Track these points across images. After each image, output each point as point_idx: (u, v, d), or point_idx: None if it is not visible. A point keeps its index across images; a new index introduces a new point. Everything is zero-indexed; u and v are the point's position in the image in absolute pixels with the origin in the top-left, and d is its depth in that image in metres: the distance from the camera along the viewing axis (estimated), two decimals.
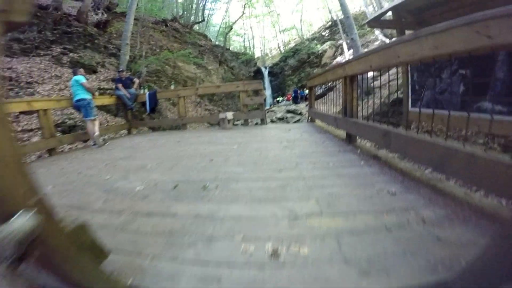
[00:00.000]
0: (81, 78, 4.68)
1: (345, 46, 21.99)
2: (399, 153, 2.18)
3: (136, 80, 6.66)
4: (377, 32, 22.06)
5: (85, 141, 5.39)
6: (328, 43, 27.23)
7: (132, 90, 6.33)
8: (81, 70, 5.16)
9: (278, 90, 29.57)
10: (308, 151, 3.04)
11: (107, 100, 6.12)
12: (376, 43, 23.30)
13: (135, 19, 20.07)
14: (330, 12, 29.25)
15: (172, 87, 10.33)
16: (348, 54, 21.77)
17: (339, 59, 26.33)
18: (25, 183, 0.76)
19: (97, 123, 4.95)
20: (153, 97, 6.21)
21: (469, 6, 3.73)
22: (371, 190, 1.84)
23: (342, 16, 26.25)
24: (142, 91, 7.33)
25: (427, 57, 1.75)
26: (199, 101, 21.85)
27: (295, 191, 1.92)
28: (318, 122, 5.31)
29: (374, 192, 1.80)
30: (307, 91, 24.22)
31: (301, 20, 34.11)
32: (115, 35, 18.13)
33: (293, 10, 35.35)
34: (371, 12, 23.27)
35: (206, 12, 38.66)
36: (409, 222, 1.37)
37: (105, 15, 18.05)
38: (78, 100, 4.63)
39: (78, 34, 11.93)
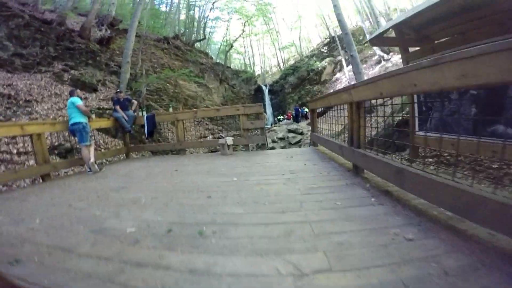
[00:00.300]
0: (77, 100, 4.55)
1: (344, 62, 22.25)
2: (415, 194, 1.98)
3: (135, 102, 6.55)
4: (375, 47, 22.38)
5: (82, 164, 5.23)
6: (327, 59, 27.67)
7: (130, 112, 6.22)
8: (78, 91, 5.04)
9: (279, 108, 29.74)
10: (313, 185, 2.83)
11: (104, 123, 5.99)
12: (374, 58, 23.65)
13: (136, 35, 20.57)
14: (328, 28, 29.96)
15: (171, 109, 10.24)
16: (347, 70, 22.02)
17: (339, 75, 26.65)
18: None
19: (92, 148, 4.78)
20: (151, 120, 6.08)
21: (471, 22, 3.63)
22: (385, 236, 1.64)
23: (340, 32, 26.87)
24: (141, 113, 7.24)
25: (452, 87, 1.57)
26: (200, 120, 21.86)
27: (300, 241, 1.70)
28: (321, 147, 5.15)
29: (389, 238, 1.60)
30: (307, 109, 24.33)
31: (300, 37, 34.88)
32: (117, 52, 18.41)
33: (292, 28, 36.19)
34: (368, 27, 23.74)
35: (207, 30, 39.73)
36: (430, 275, 1.21)
37: (109, 32, 18.37)
38: (73, 124, 4.49)
39: (80, 50, 12.09)
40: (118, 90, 6.49)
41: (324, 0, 29.11)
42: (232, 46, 33.22)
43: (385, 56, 21.48)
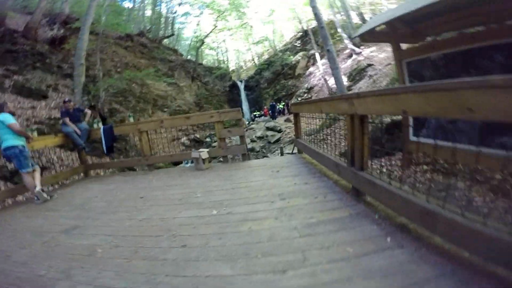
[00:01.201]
0: (7, 118, 3.61)
1: (318, 56, 22.12)
2: (453, 243, 1.53)
3: (88, 111, 5.60)
4: (346, 41, 22.48)
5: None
6: (301, 53, 27.52)
7: (83, 124, 5.28)
8: (9, 105, 4.06)
9: (255, 104, 29.22)
10: (311, 219, 2.30)
11: (50, 141, 5.01)
12: (346, 51, 23.77)
13: (94, 34, 18.80)
14: (300, 22, 29.70)
15: (131, 119, 9.23)
16: (320, 64, 21.94)
17: (312, 69, 26.59)
18: None
19: (37, 174, 3.90)
20: (109, 133, 5.19)
21: (467, 18, 3.31)
22: None
23: (313, 26, 26.67)
24: (99, 123, 6.28)
25: None
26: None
27: None
28: (305, 155, 4.68)
29: None
30: (282, 105, 24.08)
31: (273, 31, 34.36)
32: (72, 53, 16.56)
33: (265, 22, 35.54)
34: (339, 20, 23.75)
35: (177, 26, 37.84)
36: None
37: (62, 31, 16.53)
38: (6, 149, 3.58)
39: (25, 52, 10.55)
40: (66, 99, 5.45)
41: None
42: (203, 42, 31.85)
43: (357, 49, 21.65)
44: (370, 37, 4.37)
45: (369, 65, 18.29)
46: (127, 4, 28.48)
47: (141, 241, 2.29)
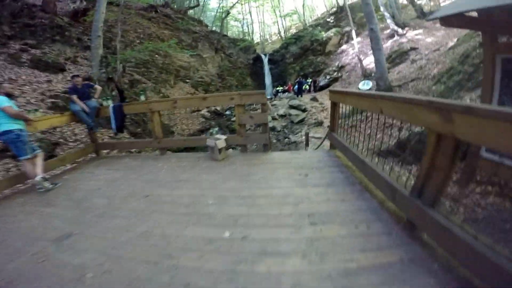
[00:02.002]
0: (2, 100, 3.21)
1: (353, 34, 20.03)
2: None
3: (98, 88, 5.12)
4: (388, 20, 20.10)
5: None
6: (334, 30, 25.31)
7: (93, 101, 4.85)
8: (6, 86, 3.65)
9: (279, 79, 27.86)
10: (350, 263, 1.69)
11: (56, 121, 4.64)
12: (387, 31, 21.35)
13: (116, 5, 18.19)
14: None
15: (142, 97, 8.73)
16: (356, 42, 19.92)
17: (345, 47, 24.47)
18: None
19: (39, 160, 3.56)
20: (118, 111, 4.73)
21: None
22: None
23: (350, 1, 24.17)
24: (105, 102, 5.84)
25: None
26: (193, 92, 20.11)
27: None
28: (339, 153, 3.94)
29: None
30: (309, 81, 22.52)
31: (303, 5, 31.73)
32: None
33: None
34: (384, 1, 21.04)
35: None
36: None
37: (84, 3, 16.12)
38: (2, 133, 3.22)
39: (43, 26, 10.26)
40: (74, 74, 4.99)
41: None
42: (228, 13, 30.14)
43: (400, 30, 19.38)
44: (458, 21, 3.31)
45: (413, 48, 16.31)
46: None
47: (136, 269, 1.84)
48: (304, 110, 12.49)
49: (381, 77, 9.27)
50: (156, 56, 17.95)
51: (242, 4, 36.52)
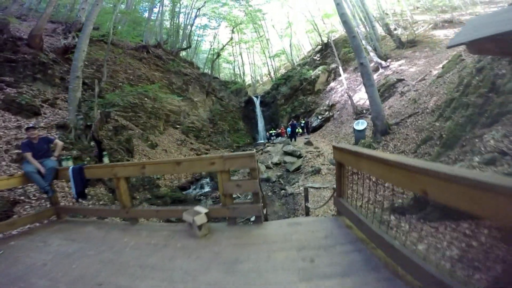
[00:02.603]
0: None
1: (340, 70, 20.48)
2: None
3: (59, 143, 4.28)
4: (371, 53, 20.76)
5: None
6: (321, 68, 26.07)
7: (51, 161, 3.99)
8: None
9: (271, 122, 27.73)
10: None
11: (3, 184, 3.74)
12: (371, 65, 21.89)
13: (104, 42, 18.28)
14: (320, 35, 28.41)
15: (106, 160, 7.96)
16: (344, 78, 20.28)
17: (333, 84, 24.99)
18: None
19: None
20: (78, 175, 3.86)
21: None
22: None
23: (334, 37, 25.25)
24: (65, 163, 4.99)
25: None
26: (184, 139, 19.61)
27: None
28: (350, 222, 3.08)
29: None
30: (302, 123, 22.28)
31: (290, 45, 33.31)
32: (85, 63, 16.14)
33: (282, 35, 34.70)
34: (363, 32, 22.05)
35: (195, 38, 37.87)
36: None
37: (76, 39, 16.17)
38: None
39: (25, 62, 9.72)
40: (29, 125, 4.20)
41: (315, 5, 27.87)
42: (219, 54, 31.10)
43: (383, 63, 19.90)
44: (476, 48, 2.82)
45: (399, 80, 16.51)
46: (146, 15, 28.65)
47: None
48: (299, 156, 11.82)
49: (377, 116, 8.83)
50: (146, 99, 17.62)
51: (232, 46, 38.22)
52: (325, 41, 28.32)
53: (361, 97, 18.93)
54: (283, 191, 9.24)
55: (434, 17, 22.49)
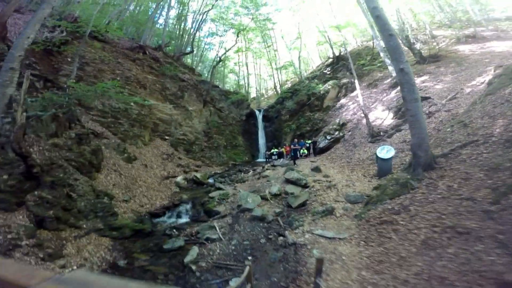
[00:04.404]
0: None
1: (357, 84, 18.08)
2: None
3: None
4: (390, 67, 18.50)
5: None
6: (331, 82, 23.84)
7: None
8: None
9: (273, 139, 25.14)
10: None
11: None
12: (387, 81, 19.63)
13: (100, 40, 16.39)
14: (331, 47, 26.42)
15: None
16: (360, 93, 17.74)
17: (344, 101, 22.59)
18: None
19: None
20: None
21: None
22: None
23: (345, 51, 23.03)
24: None
25: None
26: (172, 152, 17.11)
27: None
28: None
29: None
30: (309, 142, 19.64)
31: (299, 57, 31.34)
32: (68, 59, 14.12)
33: (291, 48, 32.92)
34: (382, 44, 19.99)
35: (203, 46, 36.43)
36: None
37: (64, 33, 14.32)
38: None
39: None
40: None
41: (329, 14, 26.01)
42: (220, 59, 29.04)
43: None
44: None
45: (424, 98, 14.07)
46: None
47: None
48: (304, 186, 9.22)
49: (420, 144, 6.35)
50: (132, 104, 15.36)
51: (239, 55, 36.48)
52: (337, 54, 26.31)
53: (377, 117, 16.50)
54: (281, 237, 6.62)
55: (455, 32, 20.98)
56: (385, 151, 8.81)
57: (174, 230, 8.05)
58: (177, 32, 29.08)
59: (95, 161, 10.13)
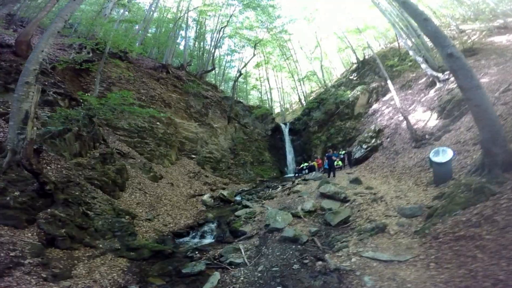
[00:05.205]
0: None
1: (390, 85, 16.59)
2: None
3: None
4: (423, 65, 16.78)
5: None
6: (359, 87, 22.44)
7: None
8: None
9: (302, 152, 23.83)
10: None
11: None
12: (423, 80, 17.91)
13: (124, 60, 16.96)
14: (354, 51, 25.20)
15: None
16: (395, 94, 16.17)
17: (376, 106, 20.97)
18: None
19: None
20: None
21: None
22: None
23: (371, 54, 21.66)
24: None
25: None
26: (198, 170, 16.65)
27: None
28: None
29: None
30: (342, 153, 18.05)
31: (321, 67, 30.42)
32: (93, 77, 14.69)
33: (311, 58, 32.19)
34: (411, 45, 18.37)
35: (224, 64, 37.23)
36: None
37: (90, 54, 15.07)
38: None
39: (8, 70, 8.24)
40: None
41: (347, 16, 25.09)
42: (241, 73, 28.87)
43: (440, 76, 15.71)
44: None
45: None
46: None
47: None
48: (344, 201, 7.88)
49: (493, 139, 5.00)
50: (158, 123, 15.40)
51: (259, 70, 36.43)
52: (361, 59, 25.03)
53: (418, 119, 14.78)
54: (320, 262, 5.38)
55: (484, 24, 19.26)
56: (441, 154, 7.35)
57: (196, 252, 7.20)
58: (197, 51, 29.95)
59: (119, 180, 9.85)
